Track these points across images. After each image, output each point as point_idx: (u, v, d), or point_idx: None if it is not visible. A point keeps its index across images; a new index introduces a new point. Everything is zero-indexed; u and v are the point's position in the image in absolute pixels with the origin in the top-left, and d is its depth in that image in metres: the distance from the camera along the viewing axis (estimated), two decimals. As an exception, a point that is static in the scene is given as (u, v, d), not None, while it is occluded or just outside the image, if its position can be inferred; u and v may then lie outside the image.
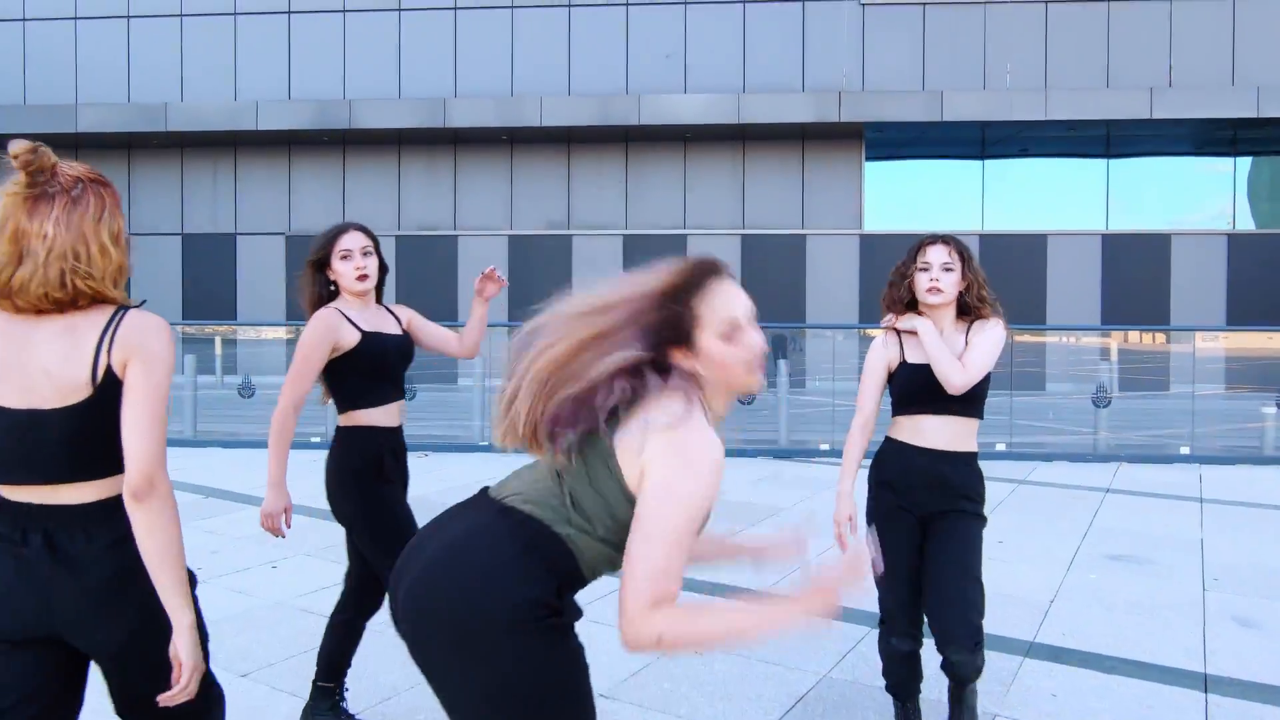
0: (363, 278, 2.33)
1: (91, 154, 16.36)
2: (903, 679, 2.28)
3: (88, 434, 1.34)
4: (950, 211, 15.05)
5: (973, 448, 2.25)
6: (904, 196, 15.44)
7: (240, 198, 16.49)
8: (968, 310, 2.26)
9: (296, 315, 2.32)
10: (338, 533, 2.41)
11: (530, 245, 15.77)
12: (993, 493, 2.45)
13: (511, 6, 15.43)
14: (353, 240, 2.34)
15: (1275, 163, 15.08)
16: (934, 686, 2.36)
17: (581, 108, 14.76)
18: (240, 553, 4.07)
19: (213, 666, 1.47)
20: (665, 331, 1.30)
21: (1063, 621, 3.31)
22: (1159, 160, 15.13)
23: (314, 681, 2.37)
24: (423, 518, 1.65)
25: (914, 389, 2.23)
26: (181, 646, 1.34)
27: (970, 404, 2.22)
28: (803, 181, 15.26)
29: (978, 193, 15.11)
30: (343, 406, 2.33)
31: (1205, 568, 4.02)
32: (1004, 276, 14.20)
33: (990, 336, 2.21)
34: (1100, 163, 14.94)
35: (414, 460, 2.57)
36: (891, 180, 15.52)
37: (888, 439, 2.29)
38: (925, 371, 2.20)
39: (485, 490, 1.37)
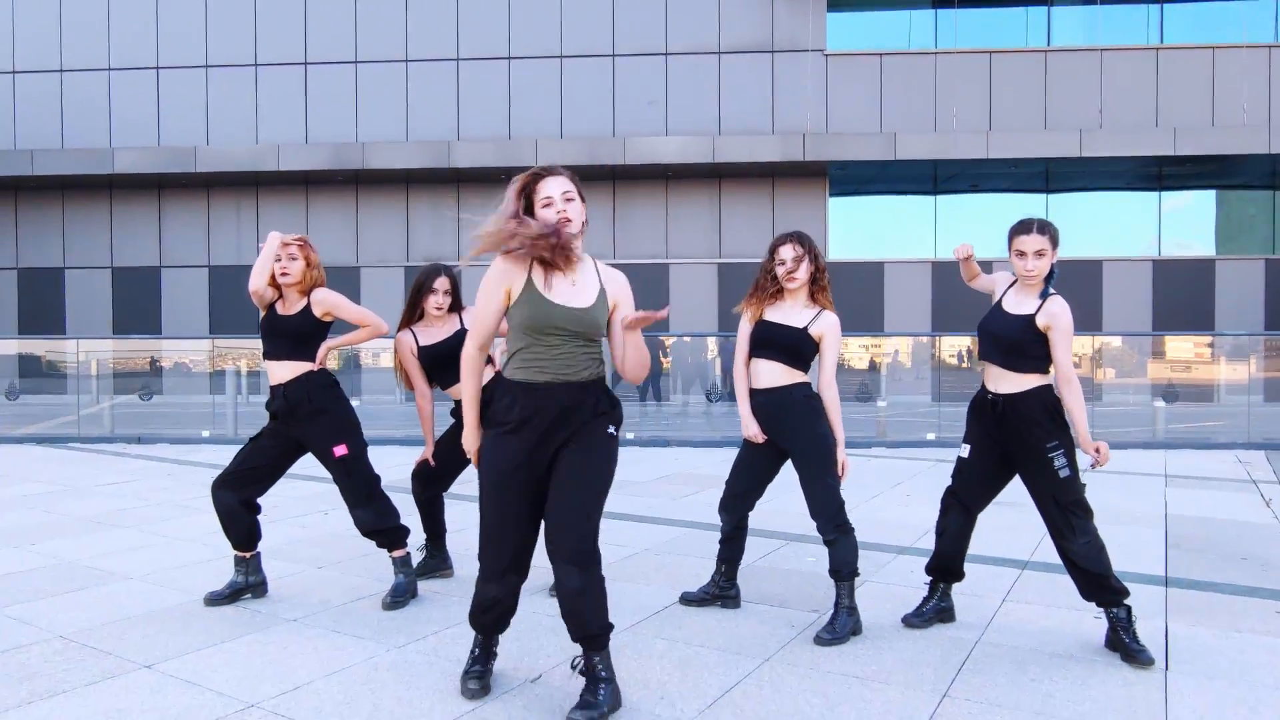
0: (438, 308, 3.69)
1: (125, 193, 17.72)
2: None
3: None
4: (906, 242, 16.39)
5: (787, 382, 3.16)
6: (864, 228, 16.79)
7: (262, 232, 17.74)
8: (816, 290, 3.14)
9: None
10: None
11: (527, 273, 17.02)
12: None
13: (509, 58, 16.79)
14: (440, 283, 3.67)
15: (1194, 196, 16.48)
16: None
17: (572, 149, 16.07)
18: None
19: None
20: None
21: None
22: (1093, 195, 16.49)
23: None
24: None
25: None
26: None
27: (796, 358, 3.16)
28: (773, 215, 16.58)
29: (931, 225, 16.45)
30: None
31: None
32: (956, 300, 15.57)
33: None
34: (1040, 197, 16.30)
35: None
36: (853, 213, 16.87)
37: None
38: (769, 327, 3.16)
39: None
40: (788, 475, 3.23)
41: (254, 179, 17.30)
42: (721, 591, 3.38)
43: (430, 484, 3.82)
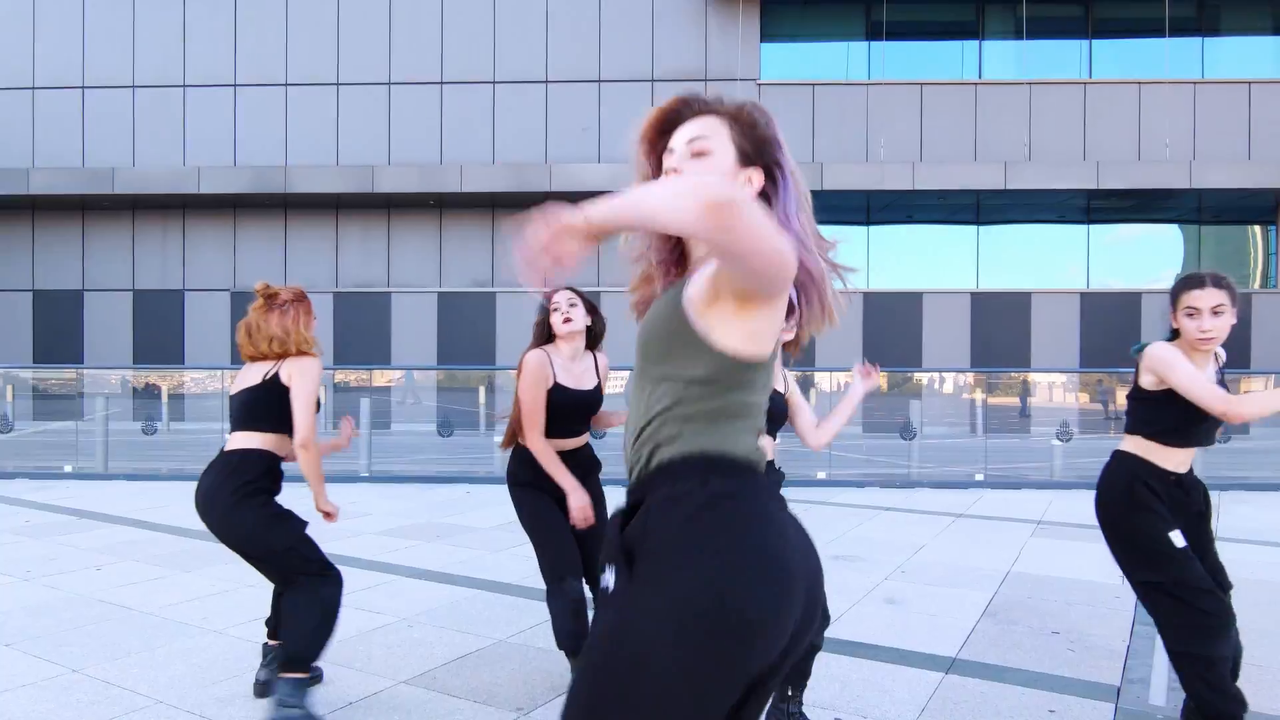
0: (566, 320, 2.90)
1: (47, 215, 17.12)
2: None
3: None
4: (837, 271, 16.09)
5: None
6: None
7: (188, 256, 17.21)
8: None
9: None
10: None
11: (458, 302, 16.59)
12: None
13: (441, 83, 16.46)
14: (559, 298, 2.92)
15: (1120, 229, 16.38)
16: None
17: (502, 175, 15.72)
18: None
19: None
20: None
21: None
22: (1023, 227, 16.34)
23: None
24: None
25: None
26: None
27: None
28: (704, 243, 16.28)
29: (864, 255, 16.20)
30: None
31: (905, 563, 4.81)
32: (886, 329, 15.29)
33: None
34: (971, 228, 16.12)
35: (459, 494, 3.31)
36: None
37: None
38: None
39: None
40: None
41: (180, 201, 16.78)
42: None
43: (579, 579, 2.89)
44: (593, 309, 2.99)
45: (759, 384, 1.25)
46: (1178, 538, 2.41)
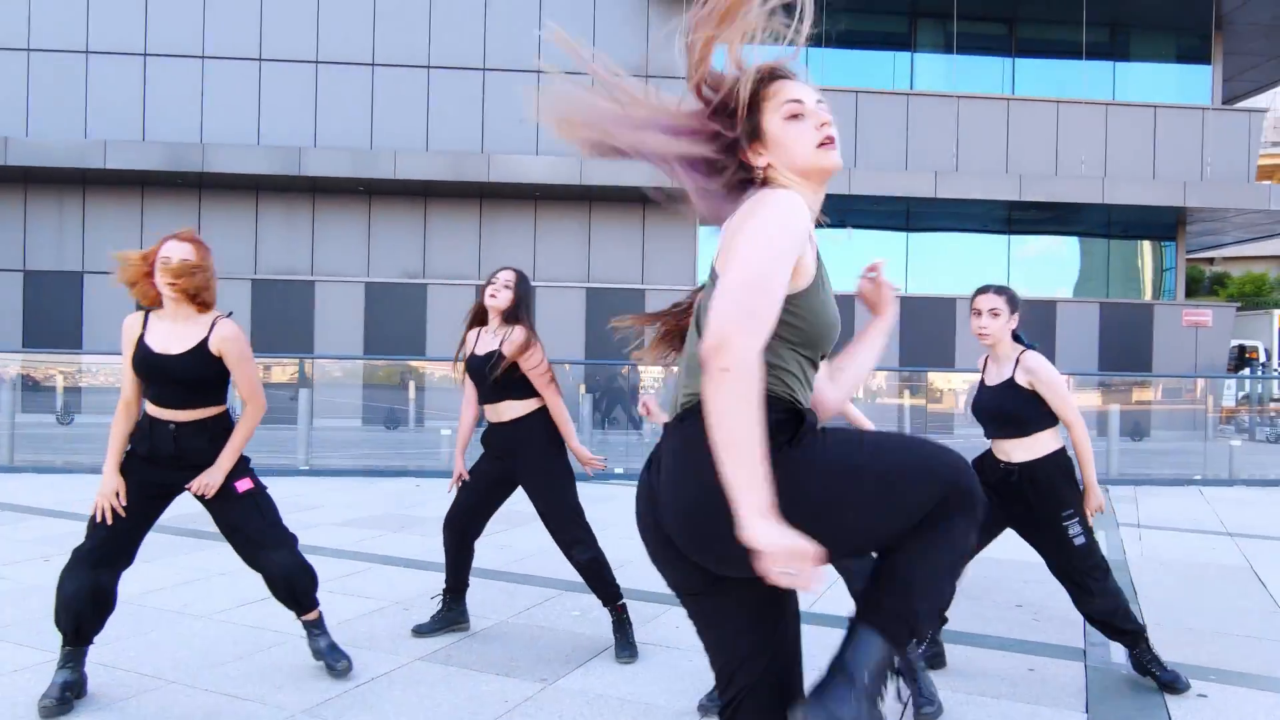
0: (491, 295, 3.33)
1: (-76, 186, 15.95)
2: None
3: None
4: (773, 272, 16.63)
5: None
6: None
7: (89, 236, 16.33)
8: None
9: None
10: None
11: (387, 293, 16.33)
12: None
13: (373, 64, 16.16)
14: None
15: (1040, 240, 17.56)
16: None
17: (437, 163, 15.55)
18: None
19: None
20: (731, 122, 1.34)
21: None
22: (950, 235, 17.28)
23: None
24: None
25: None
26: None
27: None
28: (644, 241, 16.55)
29: (798, 256, 16.79)
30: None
31: None
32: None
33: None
34: (902, 235, 16.94)
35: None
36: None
37: None
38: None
39: None
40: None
41: (80, 176, 15.91)
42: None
43: (463, 533, 3.45)
44: (519, 290, 3.31)
45: (811, 309, 1.34)
46: None
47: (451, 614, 3.46)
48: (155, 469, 2.77)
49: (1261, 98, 21.50)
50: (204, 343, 2.80)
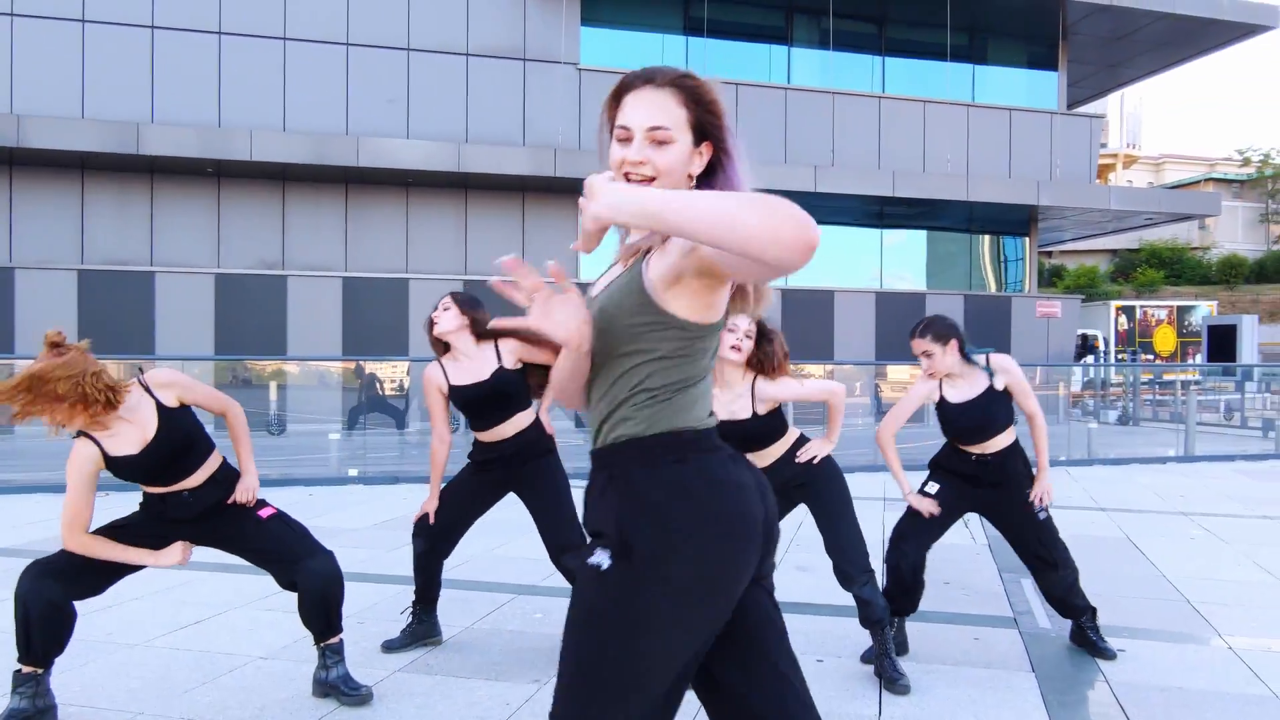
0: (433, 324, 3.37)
1: None
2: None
3: None
4: (658, 265, 17.05)
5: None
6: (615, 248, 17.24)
7: None
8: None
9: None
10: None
11: (240, 285, 15.45)
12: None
13: (220, 33, 15.22)
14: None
15: (909, 235, 18.94)
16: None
17: (298, 144, 14.87)
18: None
19: None
20: None
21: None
22: (829, 228, 18.30)
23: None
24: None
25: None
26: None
27: None
28: (523, 231, 16.52)
29: (681, 249, 17.29)
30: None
31: (795, 536, 5.51)
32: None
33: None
34: (781, 227, 17.78)
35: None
36: (608, 236, 17.24)
37: None
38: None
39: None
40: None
41: None
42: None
43: (438, 543, 3.46)
44: (469, 307, 3.30)
45: (712, 349, 1.44)
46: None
47: (422, 627, 3.49)
48: (181, 527, 2.86)
49: (1099, 103, 24.07)
50: (162, 414, 2.72)
